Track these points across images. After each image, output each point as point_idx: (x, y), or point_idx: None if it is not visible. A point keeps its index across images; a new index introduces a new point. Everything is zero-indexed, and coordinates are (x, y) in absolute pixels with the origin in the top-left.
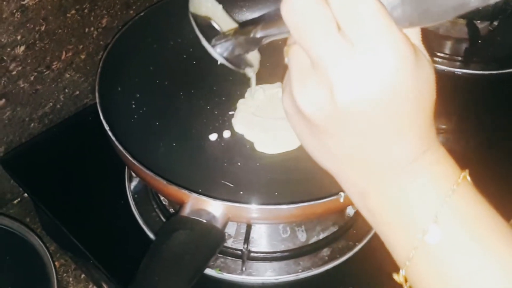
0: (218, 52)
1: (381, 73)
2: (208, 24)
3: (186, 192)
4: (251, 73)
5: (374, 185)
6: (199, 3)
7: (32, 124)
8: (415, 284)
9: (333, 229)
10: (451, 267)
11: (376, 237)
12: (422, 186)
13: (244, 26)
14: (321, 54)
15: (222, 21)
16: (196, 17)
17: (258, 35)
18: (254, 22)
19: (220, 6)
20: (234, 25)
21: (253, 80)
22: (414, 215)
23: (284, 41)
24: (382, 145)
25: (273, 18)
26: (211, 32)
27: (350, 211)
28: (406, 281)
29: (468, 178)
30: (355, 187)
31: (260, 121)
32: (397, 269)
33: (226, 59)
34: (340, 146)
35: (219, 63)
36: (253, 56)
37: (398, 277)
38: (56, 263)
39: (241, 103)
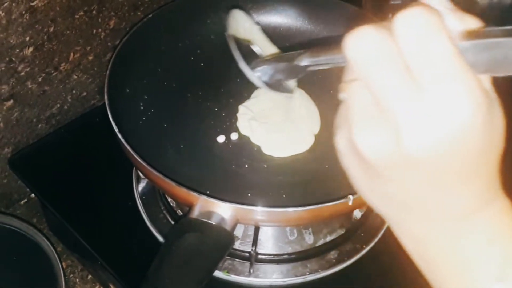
0: (257, 76)
1: (454, 120)
2: (248, 47)
3: (195, 194)
4: (288, 97)
5: (432, 235)
6: (237, 24)
7: (40, 125)
8: None
9: (340, 231)
10: None
11: (383, 239)
12: (486, 239)
13: (287, 52)
14: (389, 96)
15: (261, 43)
16: (235, 40)
17: (303, 63)
18: (299, 49)
19: (258, 27)
20: (273, 47)
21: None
22: (476, 270)
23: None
24: (445, 195)
25: (323, 47)
26: (250, 56)
27: (357, 213)
28: None
29: None
30: (410, 234)
31: (266, 124)
32: (401, 273)
33: (265, 83)
34: (400, 192)
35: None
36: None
37: None
38: (63, 264)
39: (243, 106)
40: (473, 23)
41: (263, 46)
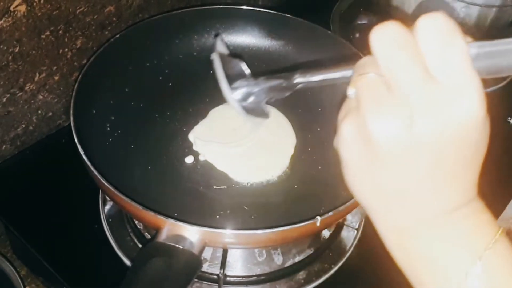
0: (236, 98)
1: (463, 113)
2: (236, 66)
3: (162, 218)
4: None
5: (419, 225)
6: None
7: (4, 146)
8: None
9: (309, 251)
10: None
11: (351, 259)
12: (468, 232)
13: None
14: (407, 82)
15: None
16: (222, 58)
17: (296, 80)
18: (285, 71)
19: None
20: None
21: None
22: (450, 264)
23: None
24: (439, 186)
25: (318, 67)
26: (236, 76)
27: (325, 233)
28: None
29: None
30: (394, 224)
31: (233, 149)
32: None
33: (243, 106)
34: (396, 179)
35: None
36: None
37: None
38: None
39: (198, 127)
40: (468, 39)
41: None
